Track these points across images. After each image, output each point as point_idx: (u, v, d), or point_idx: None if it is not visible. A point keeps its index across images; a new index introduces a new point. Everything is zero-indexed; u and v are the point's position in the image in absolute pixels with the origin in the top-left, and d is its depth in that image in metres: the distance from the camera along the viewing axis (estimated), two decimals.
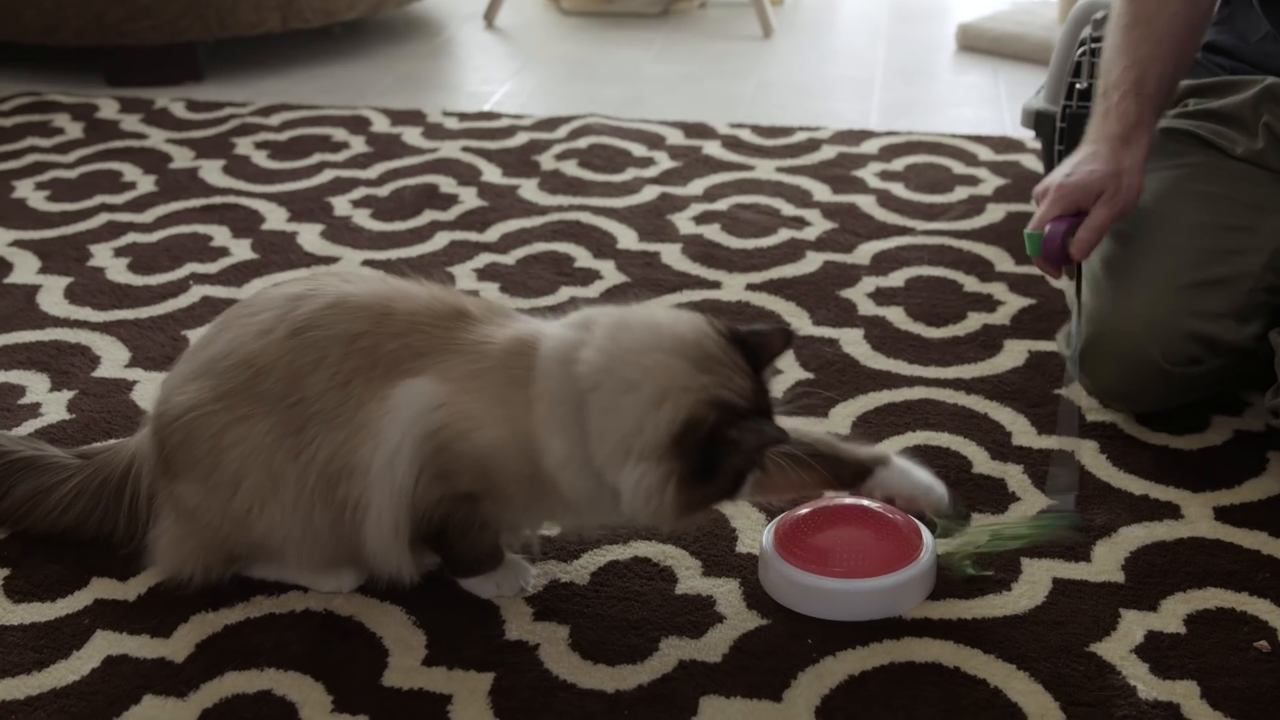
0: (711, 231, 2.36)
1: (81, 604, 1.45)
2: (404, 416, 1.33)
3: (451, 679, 1.34)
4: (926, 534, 1.47)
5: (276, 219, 2.45)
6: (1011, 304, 2.08)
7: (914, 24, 3.89)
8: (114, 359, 1.96)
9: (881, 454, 1.50)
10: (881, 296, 2.12)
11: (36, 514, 1.51)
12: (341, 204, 2.51)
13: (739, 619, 1.42)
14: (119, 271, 2.24)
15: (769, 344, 1.34)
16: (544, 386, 1.32)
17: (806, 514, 1.50)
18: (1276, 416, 1.65)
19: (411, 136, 2.86)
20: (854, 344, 1.97)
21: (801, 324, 2.03)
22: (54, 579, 1.49)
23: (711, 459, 1.28)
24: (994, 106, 3.08)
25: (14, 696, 1.32)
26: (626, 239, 2.34)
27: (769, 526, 1.50)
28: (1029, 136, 2.64)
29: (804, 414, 1.78)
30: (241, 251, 2.31)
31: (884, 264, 2.23)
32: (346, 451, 1.34)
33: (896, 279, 2.18)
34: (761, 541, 1.48)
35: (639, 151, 2.75)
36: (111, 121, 2.97)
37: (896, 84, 3.29)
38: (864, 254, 2.26)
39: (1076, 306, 1.75)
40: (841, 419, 1.78)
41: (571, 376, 1.31)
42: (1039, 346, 1.94)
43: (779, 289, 2.15)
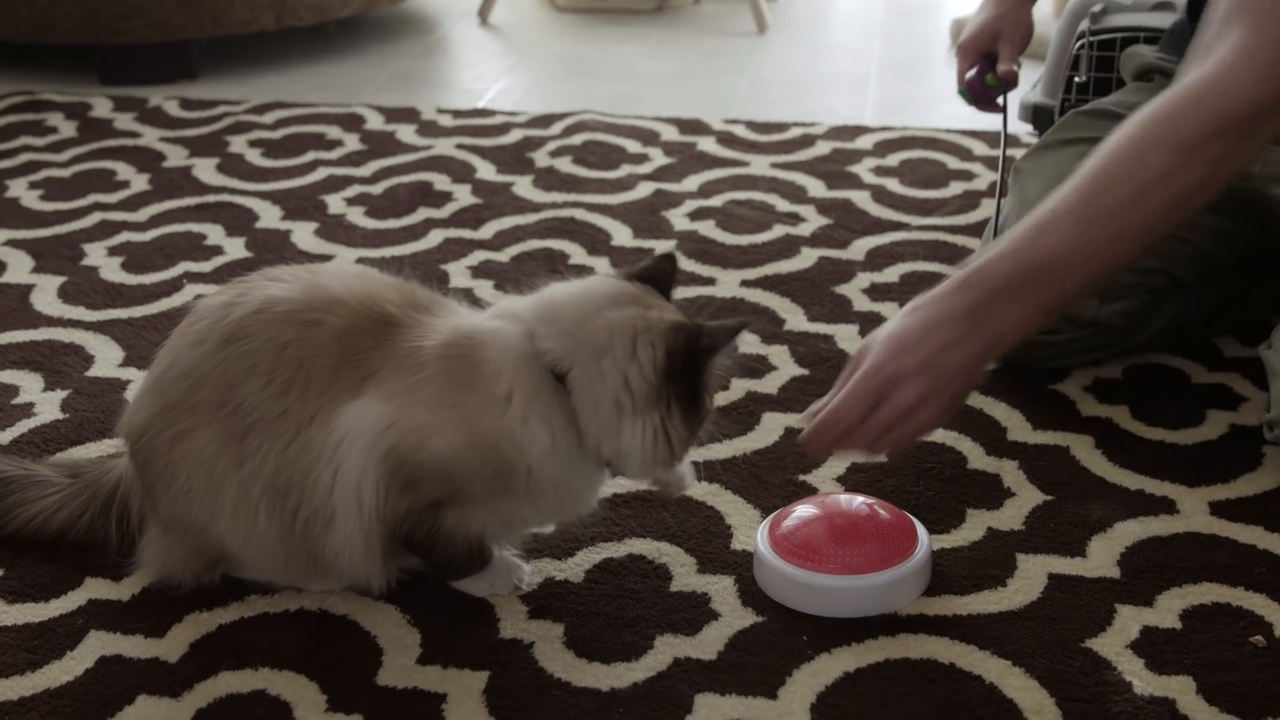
0: (706, 228, 2.36)
1: (75, 604, 1.45)
2: (360, 443, 1.32)
3: (446, 678, 1.34)
4: (921, 530, 1.47)
5: (270, 217, 2.44)
6: None
7: (909, 19, 3.89)
8: (108, 358, 1.95)
9: None
10: (876, 292, 2.12)
11: (14, 528, 1.52)
12: (335, 202, 2.51)
13: (734, 616, 1.42)
14: (113, 271, 2.24)
15: (664, 272, 1.41)
16: (514, 381, 1.32)
17: (801, 510, 1.50)
18: (1272, 430, 1.64)
19: (406, 134, 2.86)
20: (849, 340, 1.97)
21: (796, 320, 2.03)
22: (47, 579, 1.48)
23: (695, 378, 1.33)
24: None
25: (7, 697, 1.32)
26: (621, 235, 2.34)
27: (763, 523, 1.49)
28: (1026, 131, 2.64)
29: (799, 410, 1.78)
30: (235, 250, 2.30)
31: (879, 260, 2.23)
32: (296, 466, 1.33)
33: (891, 274, 2.17)
34: (756, 538, 1.48)
35: (633, 148, 2.75)
36: (105, 120, 2.97)
37: (891, 79, 3.28)
38: (859, 250, 2.26)
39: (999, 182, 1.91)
40: None
41: (541, 365, 1.32)
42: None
43: (774, 285, 2.14)
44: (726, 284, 2.16)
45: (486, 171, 2.64)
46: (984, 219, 2.37)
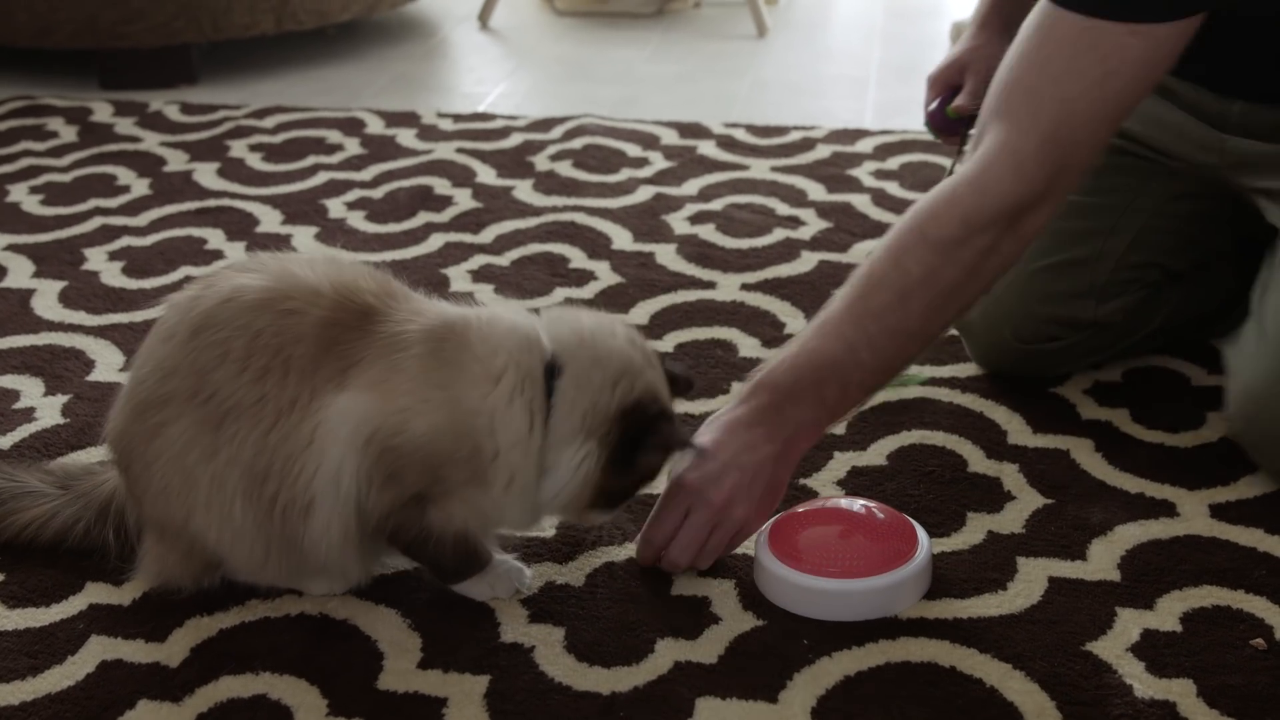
0: (706, 231, 2.36)
1: (76, 609, 1.45)
2: (341, 435, 1.32)
3: (447, 682, 1.34)
4: (921, 533, 1.47)
5: (271, 221, 2.44)
6: None
7: (909, 22, 3.89)
8: (108, 363, 1.95)
9: None
10: None
11: (7, 537, 1.52)
12: (336, 206, 2.51)
13: (734, 620, 1.42)
14: (113, 275, 2.24)
15: (676, 383, 1.46)
16: (510, 361, 1.33)
17: (801, 514, 1.50)
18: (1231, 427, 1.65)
19: (406, 138, 2.86)
20: None
21: (797, 324, 2.03)
22: (48, 584, 1.48)
23: (636, 447, 1.36)
24: None
25: (8, 702, 1.32)
26: (621, 239, 2.34)
27: (764, 528, 1.49)
28: None
29: None
30: (236, 254, 2.30)
31: None
32: (276, 453, 1.33)
33: None
34: (756, 543, 1.48)
35: (634, 152, 2.75)
36: (105, 125, 2.97)
37: (891, 82, 3.29)
38: (859, 253, 2.26)
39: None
40: None
41: (539, 356, 1.35)
42: None
43: (774, 289, 2.14)
44: (726, 288, 2.16)
45: (487, 175, 2.65)
46: None
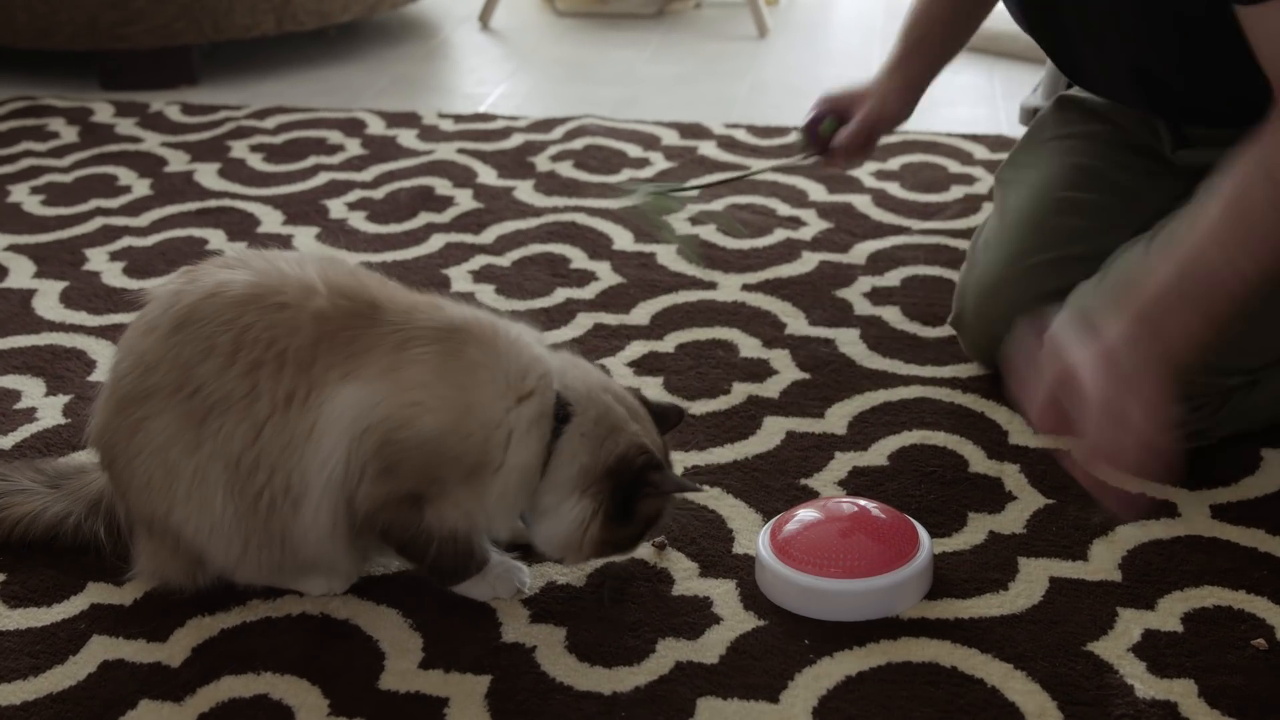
0: (707, 232, 2.36)
1: (77, 609, 1.45)
2: (343, 422, 1.32)
3: (448, 682, 1.34)
4: (923, 533, 1.47)
5: (272, 222, 2.45)
6: None
7: None
8: (109, 363, 1.95)
9: None
10: (878, 296, 2.12)
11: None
12: (337, 206, 2.51)
13: (736, 620, 1.42)
14: (114, 275, 2.24)
15: (668, 417, 1.48)
16: (536, 389, 1.36)
17: (803, 514, 1.50)
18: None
19: (407, 139, 2.86)
20: (850, 344, 1.97)
21: (798, 324, 2.03)
22: (49, 584, 1.49)
23: (631, 499, 1.38)
24: (989, 105, 3.08)
25: (10, 702, 1.32)
26: (622, 240, 2.34)
27: (765, 528, 1.50)
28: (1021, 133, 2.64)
29: (800, 414, 1.78)
30: None
31: (880, 263, 2.23)
32: (271, 445, 1.33)
33: (893, 278, 2.18)
34: (758, 542, 1.48)
35: (634, 152, 2.75)
36: (106, 125, 2.97)
37: None
38: (860, 254, 2.26)
39: None
40: (838, 419, 1.78)
41: (554, 396, 1.37)
42: None
43: (775, 289, 2.14)
44: (727, 288, 2.16)
45: (488, 176, 2.65)
46: (984, 222, 2.37)
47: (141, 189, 2.61)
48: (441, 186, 2.59)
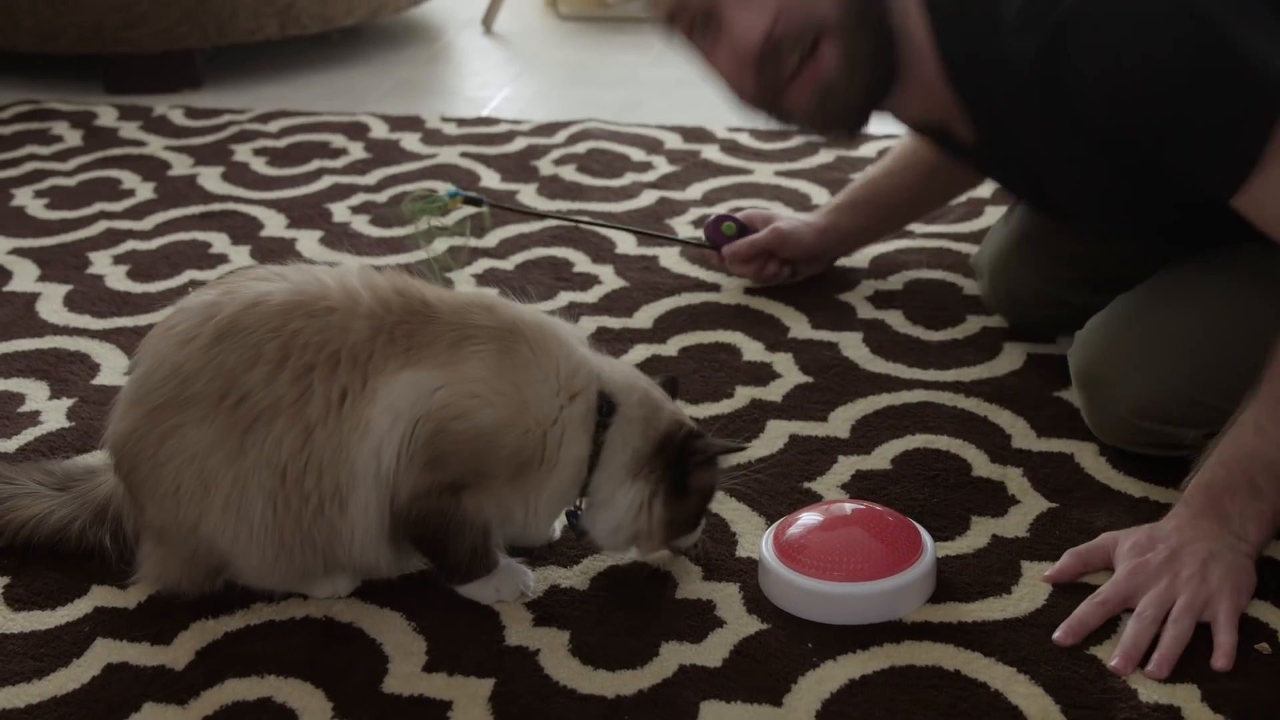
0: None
1: (81, 612, 1.45)
2: (399, 406, 1.33)
3: (452, 685, 1.34)
4: (926, 537, 1.47)
5: (275, 225, 2.45)
6: None
7: None
8: (113, 366, 1.96)
9: None
10: (880, 299, 2.12)
11: (5, 537, 1.53)
12: (340, 210, 2.51)
13: (739, 623, 1.42)
14: (118, 279, 2.24)
15: (669, 390, 1.51)
16: (583, 388, 1.39)
17: (806, 518, 1.50)
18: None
19: (410, 142, 2.86)
20: (852, 347, 1.97)
21: (801, 328, 2.03)
22: (53, 587, 1.49)
23: (683, 473, 1.42)
24: None
25: (14, 705, 1.32)
26: (625, 244, 2.34)
27: (768, 531, 1.50)
28: None
29: (803, 418, 1.78)
30: (240, 258, 2.31)
31: (883, 267, 2.23)
32: (325, 446, 1.33)
33: (895, 282, 2.18)
34: (761, 545, 1.48)
35: (637, 156, 2.75)
36: (110, 129, 2.98)
37: None
38: (862, 257, 2.26)
39: None
40: (842, 422, 1.78)
41: (598, 391, 1.41)
42: (1038, 349, 1.94)
43: (777, 292, 2.14)
44: (730, 291, 2.16)
45: (491, 179, 2.65)
46: (987, 226, 2.36)
47: (145, 192, 2.61)
48: (444, 190, 2.58)
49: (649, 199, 2.53)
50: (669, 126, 2.92)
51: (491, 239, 2.37)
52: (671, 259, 2.28)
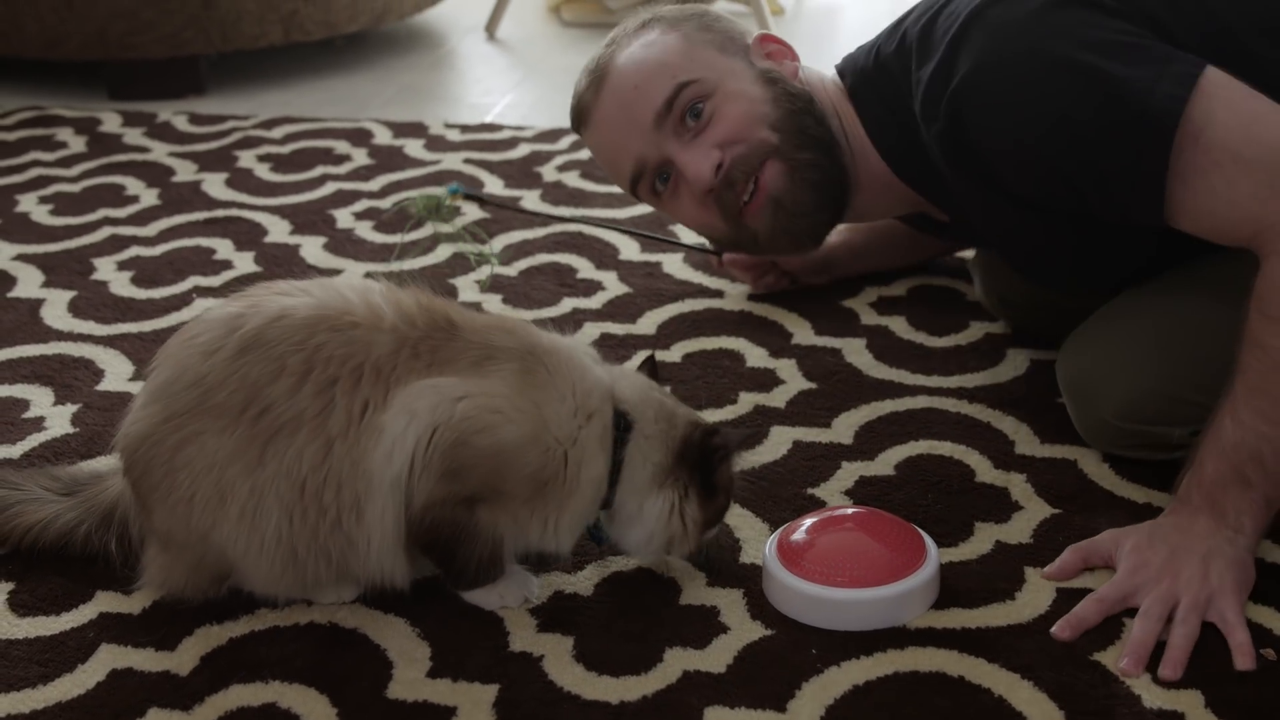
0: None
1: (86, 617, 1.46)
2: (417, 408, 1.33)
3: (456, 691, 1.34)
4: (930, 543, 1.48)
5: (279, 231, 2.45)
6: None
7: None
8: (117, 372, 1.96)
9: None
10: (883, 305, 2.12)
11: (11, 542, 1.53)
12: (344, 216, 2.51)
13: (743, 629, 1.42)
14: (122, 285, 2.25)
15: (648, 371, 1.55)
16: (598, 408, 1.41)
17: (809, 524, 1.50)
18: None
19: (414, 149, 2.87)
20: (856, 353, 1.97)
21: (804, 334, 2.04)
22: (58, 592, 1.49)
23: (709, 472, 1.44)
24: None
25: (19, 710, 1.33)
26: (628, 249, 2.34)
27: (772, 537, 1.50)
28: None
29: (807, 424, 1.79)
30: (244, 264, 2.31)
31: (886, 273, 2.23)
32: (346, 458, 1.33)
33: (898, 288, 2.18)
34: (764, 552, 1.48)
35: None
36: (114, 135, 2.98)
37: None
38: None
39: None
40: (845, 428, 1.78)
41: (614, 408, 1.42)
42: (1041, 355, 1.94)
43: (780, 299, 2.15)
44: (734, 297, 2.16)
45: (494, 186, 2.65)
46: None
47: (149, 199, 2.62)
48: (449, 196, 2.59)
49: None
50: None
51: (495, 245, 2.37)
52: (675, 265, 2.28)
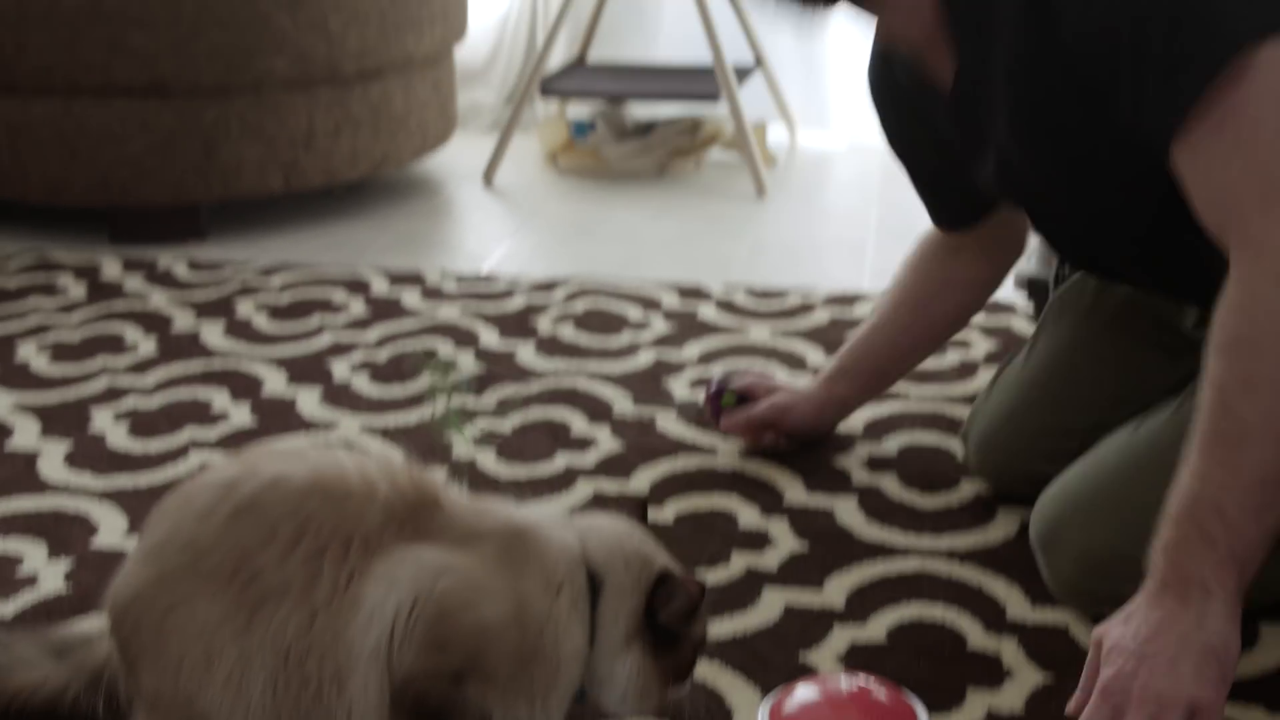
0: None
1: None
2: (397, 575, 1.33)
3: None
4: (922, 712, 1.47)
5: (276, 382, 2.47)
6: None
7: (906, 185, 3.94)
8: (112, 527, 1.96)
9: None
10: (874, 464, 2.13)
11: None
12: (340, 368, 2.54)
13: None
14: (119, 437, 2.26)
15: (637, 515, 1.53)
16: (567, 575, 1.39)
17: (802, 692, 1.49)
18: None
19: (411, 299, 2.90)
20: (849, 513, 1.98)
21: (795, 493, 2.05)
22: None
23: (667, 625, 1.41)
24: None
25: None
26: (622, 405, 2.36)
27: (764, 703, 1.49)
28: (1019, 301, 2.68)
29: (800, 586, 1.79)
30: (240, 417, 2.33)
31: (877, 430, 2.25)
32: (328, 628, 1.33)
33: (890, 446, 2.20)
34: (757, 719, 1.48)
35: (635, 315, 2.79)
36: (114, 282, 3.02)
37: (889, 245, 3.33)
38: (856, 421, 2.28)
39: None
40: (837, 591, 1.79)
41: (585, 569, 1.41)
42: (1030, 516, 1.95)
43: (772, 455, 2.16)
44: (727, 454, 2.18)
45: (490, 338, 2.68)
46: (980, 387, 2.39)
47: (147, 347, 2.64)
48: (444, 348, 2.62)
49: (646, 359, 2.56)
50: (666, 284, 2.96)
51: (489, 398, 2.39)
52: (669, 421, 2.30)
